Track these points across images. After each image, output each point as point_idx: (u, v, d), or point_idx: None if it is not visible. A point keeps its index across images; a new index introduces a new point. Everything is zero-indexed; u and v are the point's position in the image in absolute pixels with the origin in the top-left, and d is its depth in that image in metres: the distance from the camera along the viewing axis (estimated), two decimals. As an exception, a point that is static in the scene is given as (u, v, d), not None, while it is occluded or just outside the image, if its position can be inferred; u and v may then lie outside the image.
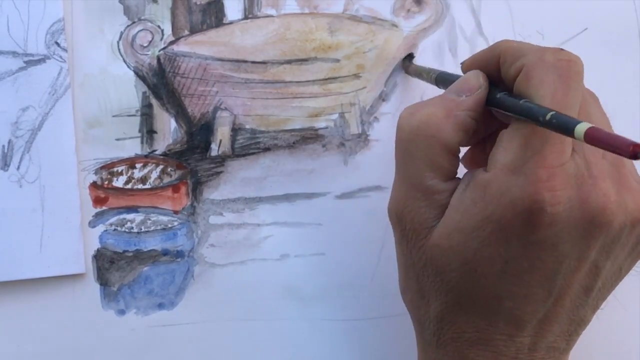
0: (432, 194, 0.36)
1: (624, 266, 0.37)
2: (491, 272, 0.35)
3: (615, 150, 0.28)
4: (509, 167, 0.34)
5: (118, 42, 0.45)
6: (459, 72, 0.48)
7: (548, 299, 0.35)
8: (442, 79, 0.42)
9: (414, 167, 0.37)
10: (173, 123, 0.46)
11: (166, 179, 0.46)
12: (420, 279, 0.37)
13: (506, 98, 0.36)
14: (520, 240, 0.34)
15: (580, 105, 0.35)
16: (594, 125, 0.30)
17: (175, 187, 0.46)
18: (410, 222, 0.37)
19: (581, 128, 0.30)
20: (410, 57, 0.48)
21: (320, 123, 0.47)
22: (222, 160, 0.46)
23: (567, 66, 0.34)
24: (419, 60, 0.48)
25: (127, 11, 0.46)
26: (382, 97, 0.47)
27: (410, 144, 0.37)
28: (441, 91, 0.40)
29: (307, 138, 0.47)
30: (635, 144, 0.28)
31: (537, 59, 0.35)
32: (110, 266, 0.45)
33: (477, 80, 0.37)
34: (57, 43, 0.44)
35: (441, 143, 0.36)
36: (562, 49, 0.35)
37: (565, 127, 0.31)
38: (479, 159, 0.40)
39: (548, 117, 0.32)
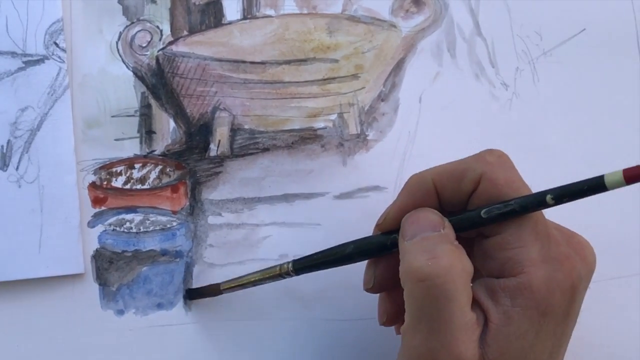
0: (472, 326, 0.36)
1: None
2: (543, 357, 0.37)
3: None
4: (539, 259, 0.36)
5: (117, 43, 0.45)
6: (457, 73, 0.48)
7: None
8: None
9: (455, 308, 0.35)
10: (172, 123, 0.46)
11: (165, 179, 0.46)
12: None
13: (494, 209, 0.36)
14: (563, 316, 0.36)
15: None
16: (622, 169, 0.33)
17: (174, 188, 0.46)
18: None
19: (614, 175, 0.33)
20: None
21: (319, 123, 0.47)
22: (220, 160, 0.46)
23: (507, 160, 0.38)
24: (418, 60, 0.48)
25: (126, 11, 0.46)
26: (381, 97, 0.47)
27: (448, 285, 0.35)
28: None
29: (306, 138, 0.47)
30: None
31: (485, 164, 0.37)
32: (109, 266, 0.45)
33: (435, 214, 0.38)
34: (55, 43, 0.45)
35: (470, 273, 0.36)
36: (490, 149, 0.38)
37: (592, 187, 0.34)
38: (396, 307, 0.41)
39: (549, 198, 0.35)
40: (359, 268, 0.47)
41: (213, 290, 0.44)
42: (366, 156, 0.47)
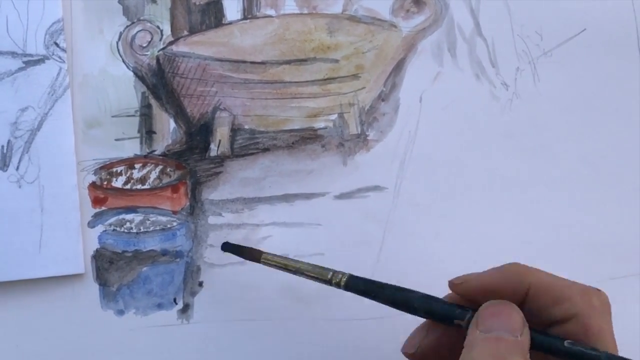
0: None
1: None
2: None
3: None
4: None
5: (117, 43, 0.45)
6: (458, 73, 0.48)
7: None
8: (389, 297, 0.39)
9: None
10: (172, 123, 0.46)
11: (165, 179, 0.46)
12: None
13: (580, 346, 0.35)
14: None
15: None
16: None
17: (174, 188, 0.46)
18: None
19: None
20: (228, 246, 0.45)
21: (319, 123, 0.47)
22: (221, 160, 0.46)
23: (609, 309, 0.36)
24: (418, 60, 0.48)
25: (126, 11, 0.46)
26: (381, 97, 0.47)
27: None
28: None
29: (306, 138, 0.47)
30: None
31: (588, 306, 0.35)
32: (109, 266, 0.45)
33: (520, 317, 0.36)
34: (56, 43, 0.44)
35: None
36: (598, 290, 0.36)
37: None
38: None
39: None
40: (359, 269, 0.47)
41: (252, 254, 0.42)
42: (366, 156, 0.47)
